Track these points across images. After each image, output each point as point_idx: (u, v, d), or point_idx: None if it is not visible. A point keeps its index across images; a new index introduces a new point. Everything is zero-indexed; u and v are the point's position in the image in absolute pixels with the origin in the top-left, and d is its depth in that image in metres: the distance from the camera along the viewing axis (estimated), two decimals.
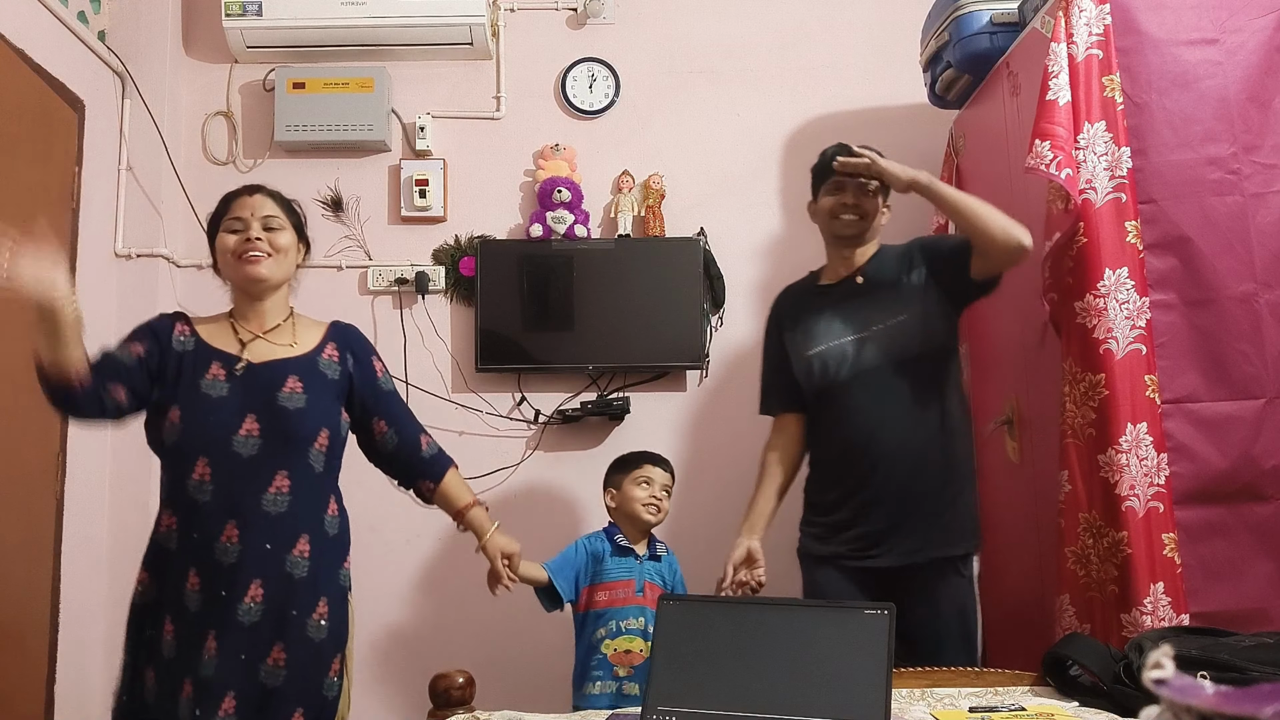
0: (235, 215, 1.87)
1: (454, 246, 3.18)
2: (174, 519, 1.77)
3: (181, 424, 1.76)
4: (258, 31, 3.10)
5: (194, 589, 1.72)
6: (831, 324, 2.17)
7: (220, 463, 1.75)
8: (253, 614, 1.71)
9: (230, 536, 1.73)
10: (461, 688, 1.65)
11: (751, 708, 1.41)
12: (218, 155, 3.27)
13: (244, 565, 1.72)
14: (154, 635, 1.74)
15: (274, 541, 1.74)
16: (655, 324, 3.08)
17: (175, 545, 1.76)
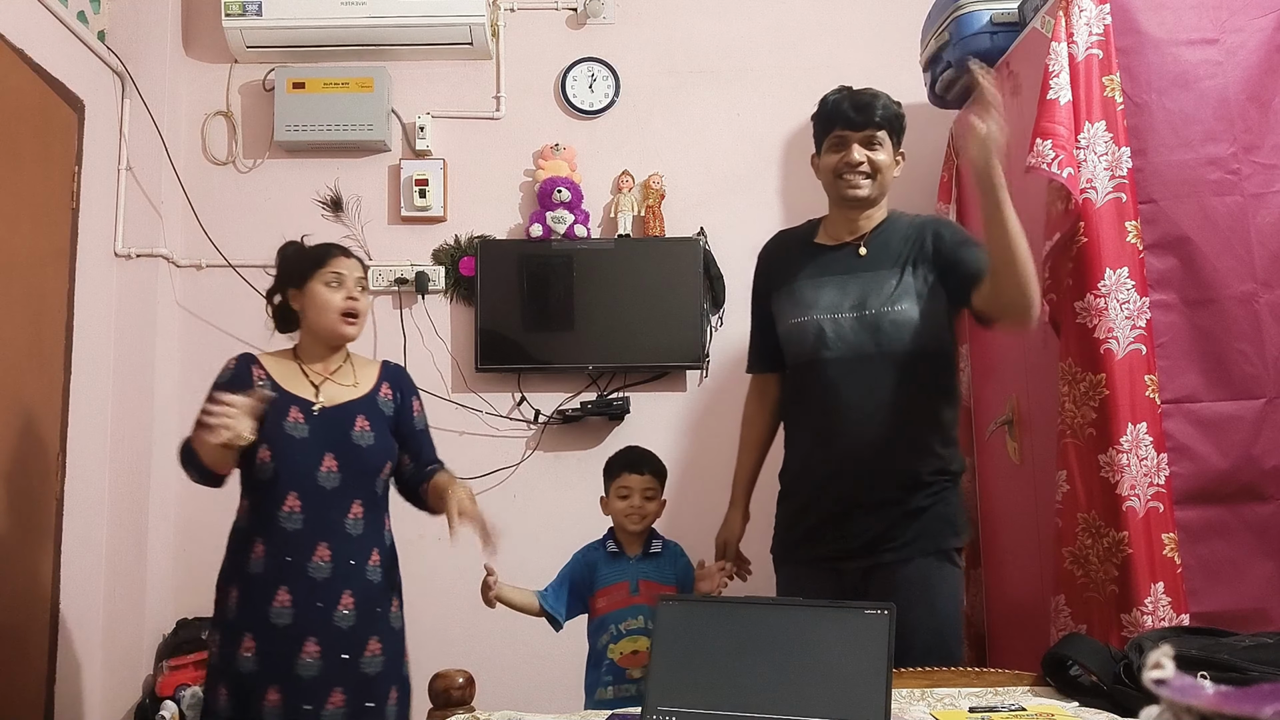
0: (336, 270, 2.06)
1: (454, 246, 3.18)
2: (264, 546, 1.99)
3: (273, 463, 1.98)
4: (258, 31, 3.10)
5: (284, 605, 1.95)
6: (822, 292, 1.97)
7: (308, 495, 1.99)
8: (348, 619, 1.98)
9: (322, 556, 1.98)
10: (461, 688, 1.65)
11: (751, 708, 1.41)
12: (217, 155, 3.27)
13: (335, 579, 1.98)
14: (230, 652, 1.96)
15: (356, 558, 2.01)
16: (655, 324, 3.08)
17: (263, 569, 1.98)
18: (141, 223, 3.10)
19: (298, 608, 1.95)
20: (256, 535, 2.00)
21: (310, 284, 2.06)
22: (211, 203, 3.23)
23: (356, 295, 2.07)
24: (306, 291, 2.07)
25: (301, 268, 2.09)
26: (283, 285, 2.13)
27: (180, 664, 2.87)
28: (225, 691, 1.96)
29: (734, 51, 3.30)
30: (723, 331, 3.16)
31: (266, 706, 1.92)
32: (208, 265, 3.20)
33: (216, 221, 3.21)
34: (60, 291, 2.79)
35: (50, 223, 2.75)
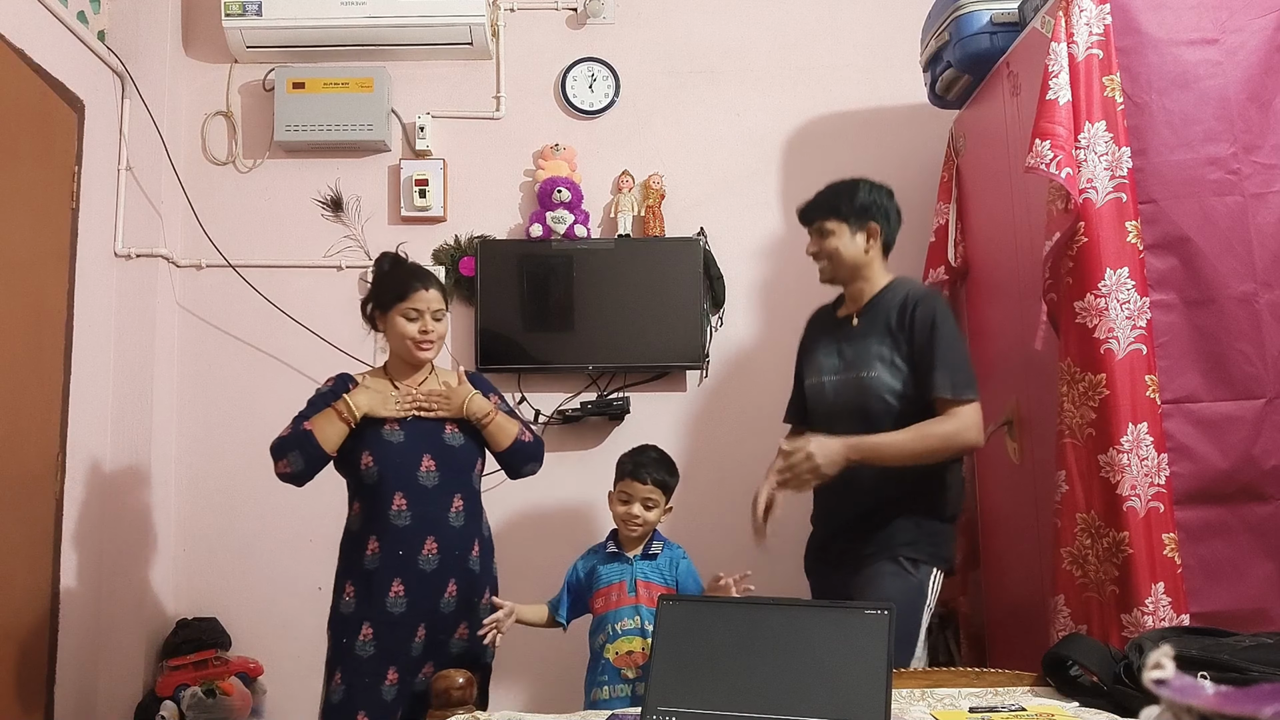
0: (414, 306, 2.24)
1: (454, 246, 3.18)
2: (378, 543, 2.18)
3: (377, 466, 2.18)
4: (258, 31, 3.10)
5: (398, 595, 2.15)
6: (829, 358, 2.29)
7: (412, 493, 2.18)
8: (450, 606, 2.20)
9: (430, 549, 2.18)
10: (461, 688, 1.65)
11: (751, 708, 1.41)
12: (217, 155, 3.27)
13: (442, 570, 2.19)
14: (349, 642, 2.15)
15: (460, 549, 2.22)
16: (655, 324, 3.08)
17: (379, 564, 2.17)
18: (141, 223, 3.10)
19: (410, 597, 2.16)
20: (369, 533, 2.19)
21: (391, 314, 2.25)
22: (211, 203, 3.23)
23: (430, 327, 2.26)
24: (389, 319, 2.26)
25: (386, 297, 2.27)
26: (371, 304, 2.31)
27: (180, 664, 2.87)
28: (339, 677, 2.15)
29: (734, 51, 3.30)
30: (723, 331, 3.16)
31: (385, 685, 2.13)
32: (208, 265, 3.20)
33: (216, 221, 3.21)
34: (60, 291, 2.79)
35: (50, 223, 2.75)
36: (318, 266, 3.21)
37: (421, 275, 2.29)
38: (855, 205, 2.21)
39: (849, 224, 2.21)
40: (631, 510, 2.26)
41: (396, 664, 2.15)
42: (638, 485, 2.28)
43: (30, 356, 2.63)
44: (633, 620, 2.20)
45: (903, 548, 2.13)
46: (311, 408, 2.22)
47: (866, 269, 2.23)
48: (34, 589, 2.62)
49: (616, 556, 2.29)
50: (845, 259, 2.22)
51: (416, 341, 2.25)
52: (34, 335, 2.65)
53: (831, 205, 2.23)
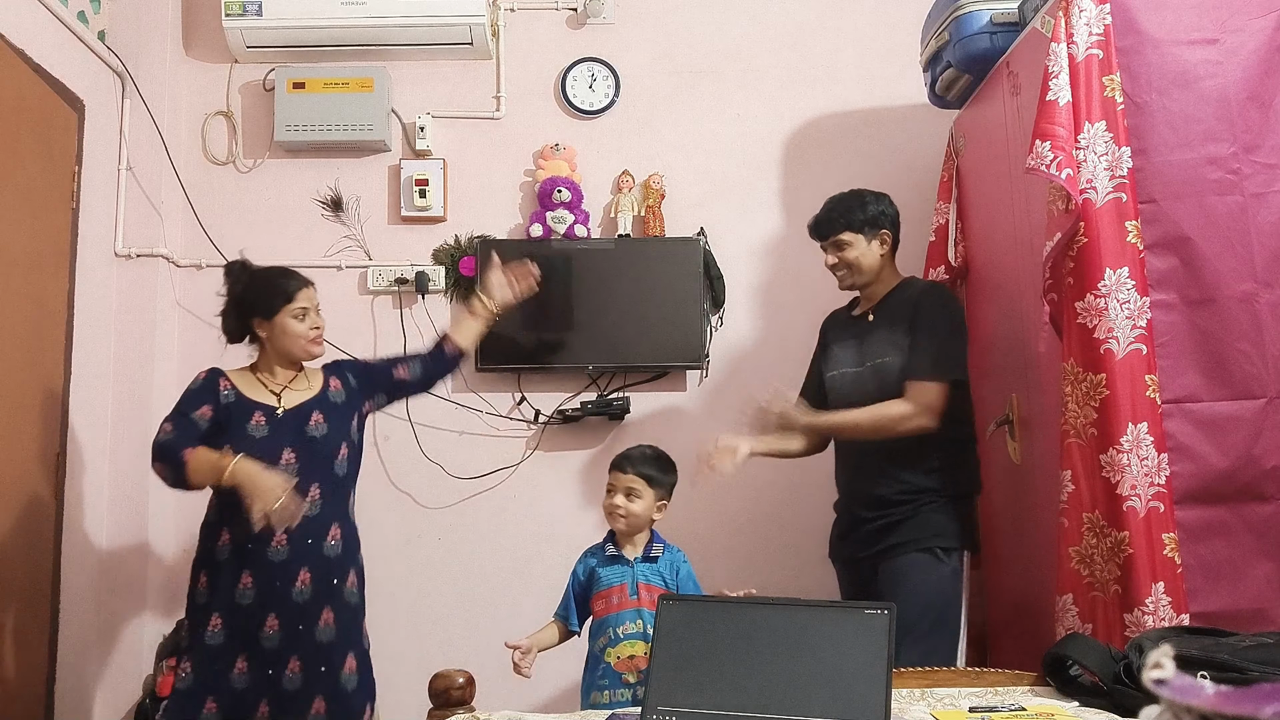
0: (302, 305, 2.32)
1: (454, 246, 3.18)
2: (229, 535, 2.20)
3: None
4: (258, 31, 3.10)
5: (246, 587, 2.18)
6: (845, 352, 2.47)
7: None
8: (304, 594, 2.20)
9: (280, 541, 2.19)
10: (461, 688, 1.65)
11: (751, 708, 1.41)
12: (218, 155, 3.27)
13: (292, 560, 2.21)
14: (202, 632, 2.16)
15: (314, 537, 2.23)
16: (655, 324, 3.08)
17: (228, 556, 2.20)
18: (141, 223, 3.10)
19: (259, 588, 2.18)
20: (223, 526, 2.22)
21: (279, 316, 2.30)
22: (211, 203, 3.23)
23: (318, 323, 2.36)
24: (275, 324, 2.31)
25: (270, 302, 2.31)
26: (247, 314, 2.34)
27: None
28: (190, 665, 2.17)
29: (734, 51, 3.30)
30: (723, 331, 3.16)
31: (235, 675, 2.16)
32: (208, 265, 3.20)
33: (216, 221, 3.21)
34: (60, 291, 2.79)
35: (50, 222, 2.75)
36: (318, 266, 3.20)
37: (296, 274, 2.36)
38: (868, 216, 2.40)
39: (864, 234, 2.40)
40: (614, 500, 2.25)
41: (247, 653, 2.17)
42: (620, 475, 2.27)
43: (30, 356, 2.63)
44: (635, 624, 2.19)
45: (934, 537, 2.26)
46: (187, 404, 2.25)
47: (883, 272, 2.43)
48: (34, 589, 2.62)
49: (616, 559, 2.27)
50: (865, 268, 2.42)
51: (311, 339, 2.33)
52: (34, 335, 2.65)
53: (846, 220, 2.40)
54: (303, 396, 2.35)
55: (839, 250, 2.42)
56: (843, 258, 2.42)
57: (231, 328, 2.38)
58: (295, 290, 2.32)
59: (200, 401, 2.26)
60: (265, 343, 2.35)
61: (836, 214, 2.42)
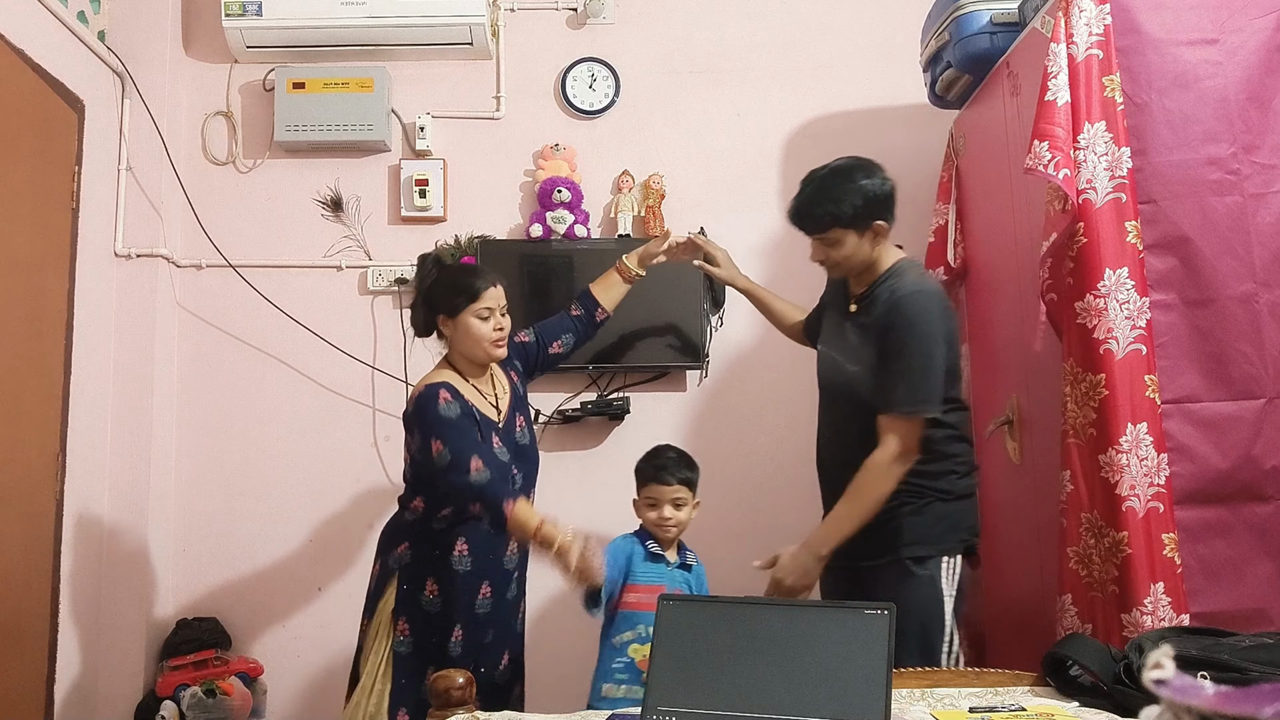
0: (487, 305, 2.24)
1: (454, 246, 3.18)
2: (466, 545, 2.20)
3: (487, 469, 2.13)
4: (258, 31, 3.10)
5: (485, 597, 2.21)
6: (834, 333, 2.30)
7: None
8: (520, 598, 2.34)
9: (512, 550, 2.26)
10: (461, 688, 1.65)
11: (751, 708, 1.41)
12: (218, 155, 3.27)
13: (517, 568, 2.30)
14: (441, 640, 2.17)
15: (524, 546, 2.26)
16: (655, 324, 3.07)
17: (470, 566, 2.19)
18: (141, 223, 3.10)
19: (498, 598, 2.24)
20: (459, 535, 2.19)
21: (463, 316, 2.23)
22: (211, 203, 3.23)
23: (502, 324, 2.27)
24: (459, 322, 2.24)
25: (455, 301, 2.23)
26: (434, 310, 2.27)
27: (180, 664, 2.87)
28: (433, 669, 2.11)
29: (734, 51, 3.30)
30: (723, 331, 3.16)
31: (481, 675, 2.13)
32: (208, 265, 3.20)
33: (216, 221, 3.21)
34: (60, 291, 2.79)
35: (50, 223, 2.75)
36: (318, 266, 3.21)
37: (486, 273, 2.29)
38: (861, 207, 2.11)
39: (856, 229, 2.12)
40: (663, 514, 2.26)
41: (477, 661, 2.18)
42: (663, 488, 2.28)
43: (30, 356, 2.63)
44: None
45: (906, 547, 2.11)
46: (466, 431, 2.13)
47: (876, 262, 2.18)
48: (34, 589, 2.62)
49: (658, 558, 2.27)
50: (856, 265, 2.18)
51: (494, 341, 2.25)
52: (34, 335, 2.65)
53: (834, 213, 2.11)
54: (504, 401, 2.32)
55: (827, 248, 2.16)
56: (831, 256, 2.17)
57: (418, 321, 2.32)
58: (481, 289, 2.23)
59: (472, 425, 2.16)
60: (450, 341, 2.29)
61: (823, 208, 2.12)
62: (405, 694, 2.13)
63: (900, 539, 2.10)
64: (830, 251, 2.17)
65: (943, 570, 2.11)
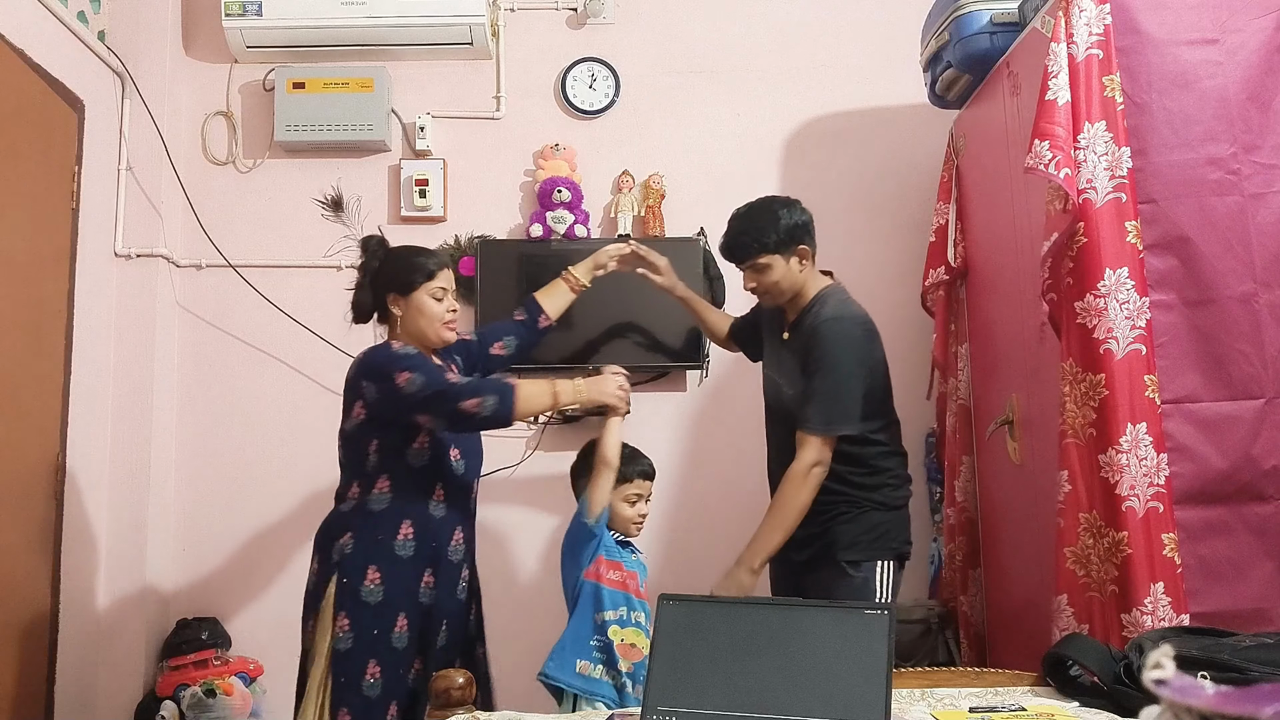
0: (441, 285, 2.20)
1: (454, 246, 3.18)
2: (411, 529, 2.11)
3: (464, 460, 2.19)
4: (258, 31, 3.10)
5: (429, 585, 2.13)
6: (772, 356, 2.45)
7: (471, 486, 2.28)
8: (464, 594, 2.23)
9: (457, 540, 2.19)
10: (461, 688, 1.65)
11: (751, 708, 1.41)
12: (218, 155, 3.27)
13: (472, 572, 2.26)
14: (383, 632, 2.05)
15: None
16: (655, 324, 3.07)
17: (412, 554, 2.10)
18: (141, 223, 3.10)
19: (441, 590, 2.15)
20: (404, 517, 2.12)
21: (417, 293, 2.17)
22: (211, 203, 3.23)
23: (456, 306, 2.24)
24: (413, 300, 2.18)
25: (410, 277, 2.18)
26: (384, 287, 2.20)
27: (180, 664, 2.87)
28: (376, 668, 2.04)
29: (734, 51, 3.30)
30: None
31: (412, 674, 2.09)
32: (208, 265, 3.20)
33: (216, 221, 3.21)
34: (60, 291, 2.79)
35: (50, 223, 2.75)
36: (318, 266, 3.21)
37: (438, 254, 2.27)
38: (783, 234, 2.26)
39: (782, 254, 2.27)
40: (641, 510, 2.29)
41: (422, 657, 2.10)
42: (646, 483, 2.31)
43: (30, 356, 2.63)
44: (642, 614, 2.19)
45: (841, 550, 2.23)
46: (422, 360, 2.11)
47: (804, 286, 2.33)
48: (34, 589, 2.62)
49: (625, 546, 2.27)
50: (787, 288, 2.31)
51: (446, 323, 2.20)
52: (34, 335, 2.65)
53: (760, 241, 2.26)
54: None
55: (758, 275, 2.29)
56: (762, 281, 2.29)
57: (363, 302, 2.23)
58: (436, 269, 2.19)
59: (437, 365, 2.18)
60: (397, 323, 2.20)
61: (749, 237, 2.27)
62: (346, 693, 2.00)
63: (837, 544, 2.23)
64: (761, 278, 2.29)
65: (877, 574, 2.23)
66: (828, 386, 2.19)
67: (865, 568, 2.23)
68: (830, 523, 2.24)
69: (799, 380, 2.27)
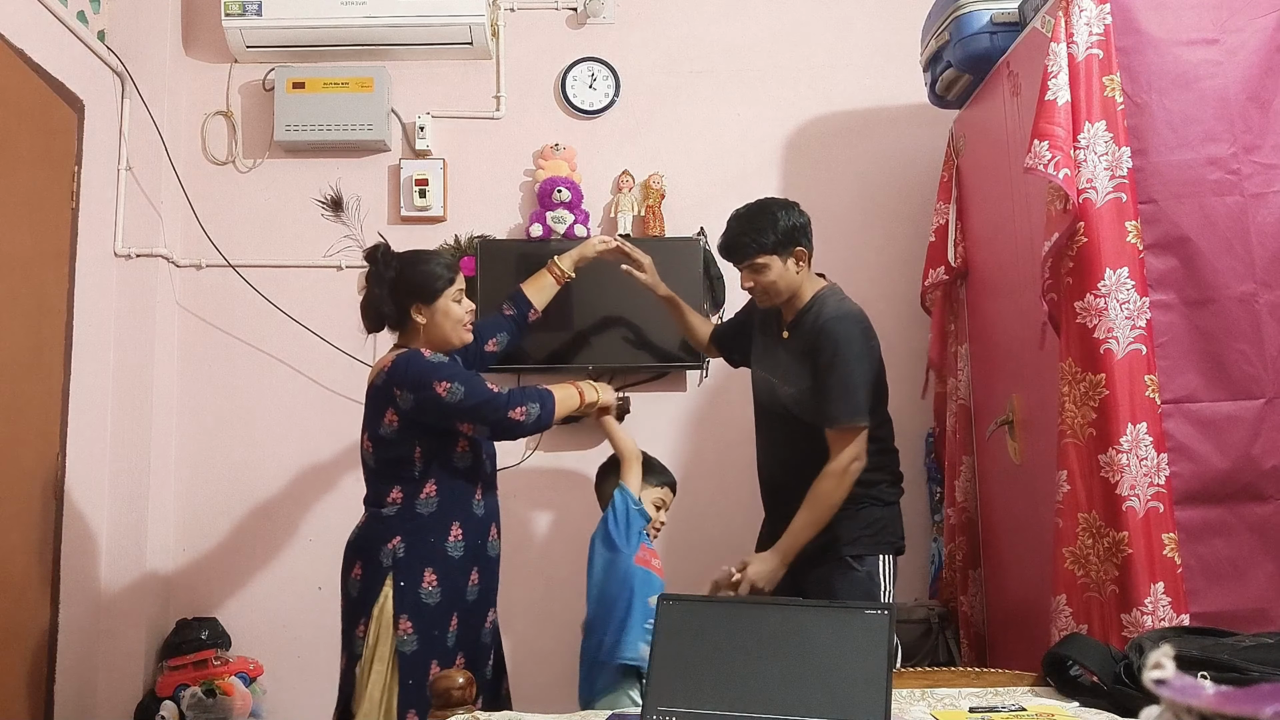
0: (459, 287, 2.24)
1: (454, 246, 3.18)
2: (461, 531, 2.17)
3: (471, 451, 2.20)
4: (257, 31, 3.10)
5: (474, 585, 2.19)
6: (767, 357, 2.46)
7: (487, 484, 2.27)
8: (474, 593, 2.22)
9: (493, 536, 2.25)
10: (462, 688, 1.65)
11: (751, 708, 1.41)
12: (217, 155, 3.27)
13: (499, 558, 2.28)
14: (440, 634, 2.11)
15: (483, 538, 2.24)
16: (655, 324, 3.07)
17: (462, 554, 2.16)
18: (141, 223, 3.10)
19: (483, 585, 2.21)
20: (453, 519, 2.16)
21: (441, 300, 2.21)
22: (211, 203, 3.23)
23: (472, 306, 2.29)
24: (438, 307, 2.21)
25: (434, 285, 2.21)
26: (406, 297, 2.21)
27: (180, 664, 2.87)
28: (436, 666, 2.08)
29: (734, 51, 3.30)
30: None
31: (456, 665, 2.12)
32: (208, 265, 3.20)
33: (216, 221, 3.21)
34: (60, 291, 2.79)
35: (50, 223, 2.75)
36: (318, 266, 3.21)
37: (448, 255, 2.34)
38: (781, 235, 2.30)
39: (780, 254, 2.31)
40: (663, 518, 2.45)
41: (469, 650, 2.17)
42: (671, 495, 2.48)
43: (30, 356, 2.63)
44: None
45: (845, 546, 2.27)
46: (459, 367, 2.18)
47: (801, 287, 2.36)
48: (34, 589, 2.62)
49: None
50: (784, 288, 2.35)
51: (468, 324, 2.27)
52: (34, 335, 2.65)
53: (758, 242, 2.30)
54: None
55: (756, 274, 2.33)
56: (760, 281, 2.33)
57: (386, 313, 2.23)
58: (455, 272, 2.25)
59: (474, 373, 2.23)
60: (419, 330, 2.22)
61: (748, 237, 2.31)
62: (413, 695, 2.05)
63: (840, 540, 2.27)
64: (758, 278, 2.33)
65: (880, 567, 2.29)
66: (847, 380, 2.24)
67: (869, 562, 2.28)
68: (833, 520, 2.25)
69: (800, 378, 2.31)
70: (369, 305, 2.25)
